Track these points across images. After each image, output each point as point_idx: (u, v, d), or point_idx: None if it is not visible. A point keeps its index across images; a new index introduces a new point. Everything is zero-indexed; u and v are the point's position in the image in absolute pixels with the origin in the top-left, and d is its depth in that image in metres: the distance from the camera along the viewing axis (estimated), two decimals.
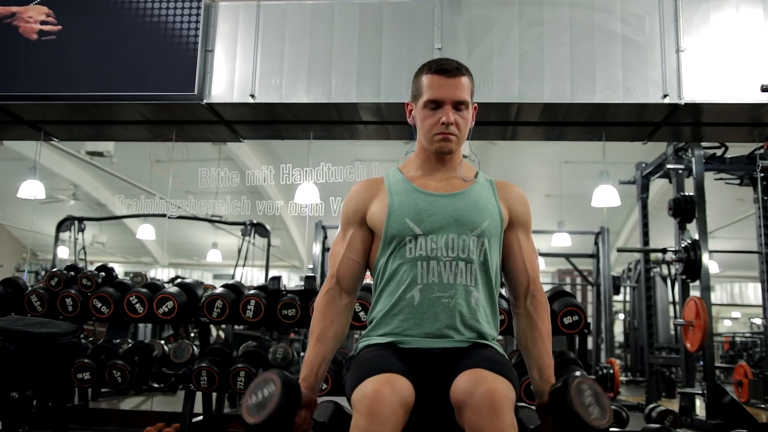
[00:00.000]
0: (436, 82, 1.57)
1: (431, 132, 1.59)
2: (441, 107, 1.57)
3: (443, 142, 1.58)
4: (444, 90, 1.56)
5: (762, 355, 9.51)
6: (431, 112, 1.58)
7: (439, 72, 1.58)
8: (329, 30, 3.82)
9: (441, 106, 1.57)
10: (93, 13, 3.93)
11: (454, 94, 1.56)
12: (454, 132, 1.57)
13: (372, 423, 1.30)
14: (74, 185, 12.25)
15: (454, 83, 1.56)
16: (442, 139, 1.58)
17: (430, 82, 1.58)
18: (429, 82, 1.59)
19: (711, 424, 4.57)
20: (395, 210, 1.58)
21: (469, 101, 1.60)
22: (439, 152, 1.61)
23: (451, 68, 1.57)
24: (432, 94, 1.57)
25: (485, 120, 3.94)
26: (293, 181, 4.36)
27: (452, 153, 1.62)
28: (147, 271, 16.77)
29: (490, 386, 1.34)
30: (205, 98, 3.83)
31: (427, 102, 1.58)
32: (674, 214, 5.21)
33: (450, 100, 1.56)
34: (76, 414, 4.32)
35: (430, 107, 1.58)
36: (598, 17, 3.70)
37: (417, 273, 1.55)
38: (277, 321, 3.63)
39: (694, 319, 4.73)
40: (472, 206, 1.59)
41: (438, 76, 1.57)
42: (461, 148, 1.68)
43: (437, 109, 1.58)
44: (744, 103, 3.58)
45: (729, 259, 14.73)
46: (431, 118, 1.58)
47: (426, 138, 1.61)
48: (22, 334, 3.17)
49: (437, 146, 1.59)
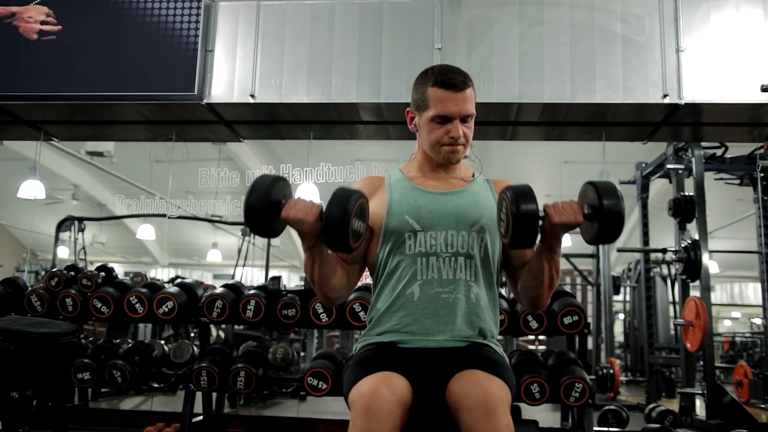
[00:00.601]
0: (443, 96, 1.55)
1: (438, 144, 1.59)
2: (449, 122, 1.57)
3: (452, 155, 1.59)
4: (452, 105, 1.55)
5: (762, 355, 9.51)
6: (439, 126, 1.57)
7: (446, 86, 1.55)
8: (329, 30, 3.82)
9: (449, 120, 1.57)
10: (93, 13, 3.93)
11: (462, 109, 1.56)
12: (461, 142, 1.59)
13: (369, 422, 1.30)
14: (74, 185, 12.24)
15: (462, 97, 1.55)
16: (450, 152, 1.59)
17: (437, 96, 1.56)
18: (436, 96, 1.56)
19: (711, 424, 4.57)
20: (395, 206, 1.59)
21: (474, 113, 1.60)
22: (446, 162, 1.62)
23: (458, 82, 1.56)
24: (441, 109, 1.56)
25: (485, 120, 3.93)
26: (293, 181, 4.36)
27: (458, 161, 1.63)
28: (147, 271, 16.78)
29: (485, 388, 1.35)
30: (205, 98, 3.83)
31: (434, 116, 1.57)
32: (674, 214, 5.21)
33: (459, 115, 1.56)
34: (76, 414, 4.32)
35: (437, 121, 1.57)
36: (598, 17, 3.70)
37: (417, 269, 1.55)
38: (277, 321, 3.63)
39: (694, 319, 4.73)
40: (470, 203, 1.60)
41: (445, 91, 1.55)
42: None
43: (445, 123, 1.57)
44: (744, 103, 3.58)
45: (729, 259, 14.73)
46: (439, 131, 1.58)
47: (433, 150, 1.61)
48: (22, 334, 3.17)
49: (445, 157, 1.60)
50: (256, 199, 1.40)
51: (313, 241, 1.45)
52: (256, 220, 1.41)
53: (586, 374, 3.40)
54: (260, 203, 1.40)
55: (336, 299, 1.60)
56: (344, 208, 1.36)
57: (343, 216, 1.36)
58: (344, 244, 1.39)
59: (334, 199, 1.39)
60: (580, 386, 3.28)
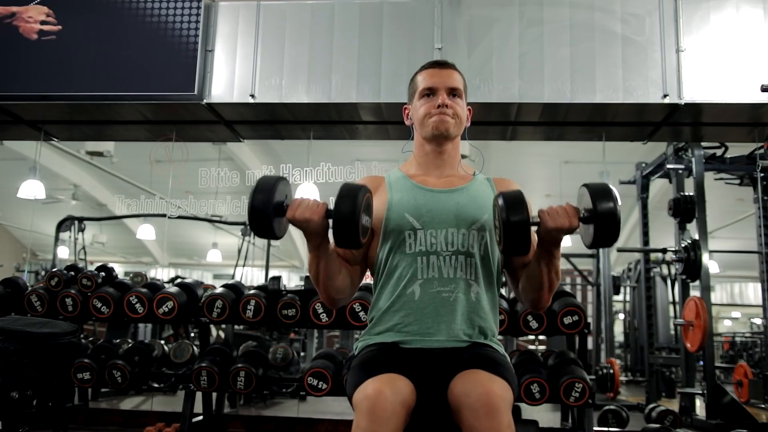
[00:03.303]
0: (430, 73, 1.66)
1: (427, 116, 1.62)
2: (435, 94, 1.63)
3: (440, 123, 1.60)
4: (437, 77, 1.64)
5: (762, 355, 9.51)
6: (426, 99, 1.64)
7: (432, 65, 1.67)
8: (329, 30, 3.82)
9: (435, 93, 1.63)
10: (93, 13, 3.93)
11: (447, 81, 1.63)
12: (448, 113, 1.61)
13: (373, 423, 1.30)
14: (74, 185, 12.23)
15: (447, 73, 1.65)
16: (438, 121, 1.60)
17: (423, 75, 1.66)
18: (423, 75, 1.67)
19: (711, 424, 4.57)
20: (395, 205, 1.59)
21: (463, 93, 1.66)
22: (435, 134, 1.61)
23: (443, 62, 1.68)
24: (426, 83, 1.64)
25: (485, 120, 3.94)
26: (293, 181, 4.36)
27: (449, 135, 1.62)
28: (147, 271, 16.77)
29: (487, 387, 1.35)
30: (205, 98, 3.83)
31: (422, 91, 1.64)
32: (674, 214, 5.21)
33: (444, 86, 1.63)
34: (76, 414, 4.32)
35: (425, 95, 1.64)
36: (598, 17, 3.70)
37: (417, 268, 1.55)
38: (277, 321, 3.62)
39: (694, 319, 4.73)
40: (471, 201, 1.60)
41: (431, 69, 1.66)
42: (459, 148, 1.70)
43: (432, 96, 1.63)
44: (744, 103, 3.58)
45: (729, 259, 14.73)
46: (426, 104, 1.63)
47: (423, 126, 1.64)
48: (22, 334, 3.17)
49: (433, 126, 1.61)
50: (260, 201, 1.38)
51: (319, 240, 1.45)
52: (262, 222, 1.40)
53: (586, 374, 3.40)
54: (265, 206, 1.39)
55: (340, 300, 1.60)
56: (353, 204, 1.36)
57: (352, 211, 1.36)
58: (354, 240, 1.39)
59: (343, 194, 1.38)
60: (580, 386, 3.28)
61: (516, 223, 1.34)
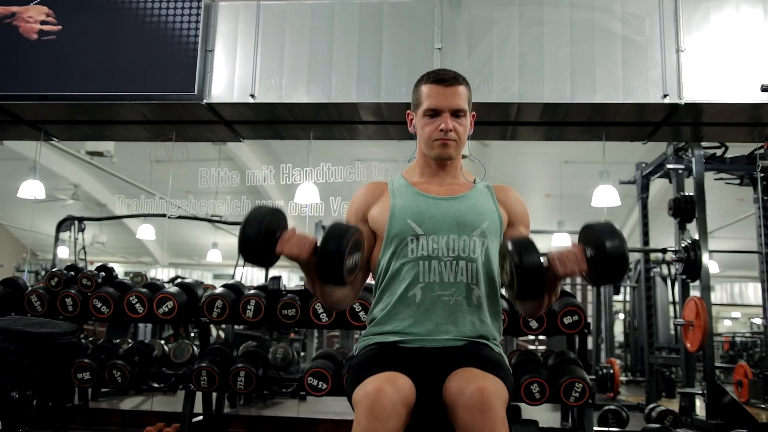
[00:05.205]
0: (434, 91, 1.62)
1: (431, 139, 1.63)
2: (439, 115, 1.62)
3: (442, 148, 1.62)
4: (442, 99, 1.61)
5: (762, 355, 9.50)
6: (430, 120, 1.63)
7: (437, 82, 1.63)
8: (329, 30, 3.82)
9: (439, 114, 1.62)
10: (93, 13, 3.93)
11: (451, 103, 1.61)
12: (452, 138, 1.61)
13: (373, 421, 1.31)
14: (74, 185, 12.23)
15: (451, 92, 1.62)
16: (441, 145, 1.62)
17: (428, 91, 1.63)
18: (427, 91, 1.64)
19: (711, 424, 4.57)
20: (397, 211, 1.61)
21: (467, 110, 1.65)
22: (439, 158, 1.65)
23: (449, 78, 1.63)
24: (430, 103, 1.62)
25: (485, 120, 3.94)
26: (293, 181, 4.37)
27: (451, 158, 1.66)
28: (147, 271, 16.77)
29: (480, 384, 1.36)
30: (205, 98, 3.83)
31: (426, 110, 1.63)
32: (674, 214, 5.21)
33: (448, 108, 1.61)
34: (76, 414, 4.32)
35: (429, 115, 1.63)
36: (598, 17, 3.70)
37: (418, 272, 1.57)
38: (277, 321, 3.62)
39: (694, 319, 4.73)
40: (471, 209, 1.62)
41: (436, 86, 1.63)
42: (461, 153, 1.71)
43: (436, 117, 1.62)
44: (744, 103, 3.58)
45: (729, 259, 14.72)
46: (430, 125, 1.63)
47: (426, 145, 1.65)
48: (22, 334, 3.17)
49: (437, 152, 1.64)
50: (252, 233, 1.42)
51: (311, 268, 1.48)
52: (252, 253, 1.44)
53: (586, 374, 3.40)
54: (256, 237, 1.42)
55: (341, 306, 1.65)
56: (338, 247, 1.38)
57: (336, 254, 1.38)
58: (338, 279, 1.41)
59: (328, 236, 1.40)
60: (580, 386, 3.28)
61: (530, 268, 1.37)
